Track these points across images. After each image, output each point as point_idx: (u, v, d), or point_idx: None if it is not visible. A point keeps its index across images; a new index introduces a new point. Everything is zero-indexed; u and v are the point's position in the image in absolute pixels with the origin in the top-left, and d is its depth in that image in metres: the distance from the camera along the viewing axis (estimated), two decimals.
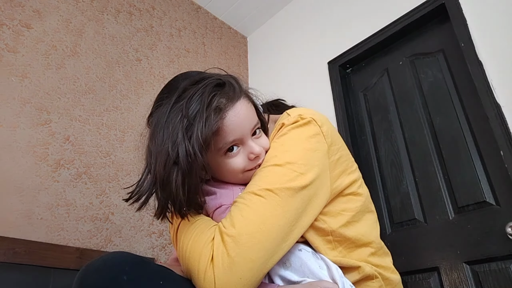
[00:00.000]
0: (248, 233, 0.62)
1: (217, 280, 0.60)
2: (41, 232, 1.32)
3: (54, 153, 1.46)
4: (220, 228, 0.64)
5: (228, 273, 0.60)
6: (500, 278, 1.24)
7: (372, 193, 1.77)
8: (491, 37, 1.46)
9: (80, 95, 1.62)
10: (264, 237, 0.62)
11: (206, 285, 0.60)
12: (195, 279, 0.63)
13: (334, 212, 0.73)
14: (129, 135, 1.74)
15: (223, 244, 0.62)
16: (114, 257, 0.59)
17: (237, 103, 0.72)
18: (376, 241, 0.78)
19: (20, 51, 1.49)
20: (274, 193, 0.65)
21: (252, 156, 0.72)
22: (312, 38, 2.23)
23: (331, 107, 1.94)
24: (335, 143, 0.77)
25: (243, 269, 0.60)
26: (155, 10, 2.14)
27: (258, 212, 0.64)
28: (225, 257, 0.61)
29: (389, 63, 1.86)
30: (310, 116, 0.74)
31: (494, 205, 1.33)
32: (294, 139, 0.73)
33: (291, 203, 0.65)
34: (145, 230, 1.62)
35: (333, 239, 0.72)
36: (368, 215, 0.81)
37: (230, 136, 0.70)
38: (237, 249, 0.61)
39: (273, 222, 0.63)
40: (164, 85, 0.82)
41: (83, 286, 0.56)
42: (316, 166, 0.70)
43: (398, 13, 1.81)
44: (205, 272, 0.61)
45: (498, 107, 1.35)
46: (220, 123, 0.68)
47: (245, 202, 0.66)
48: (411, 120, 1.67)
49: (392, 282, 0.78)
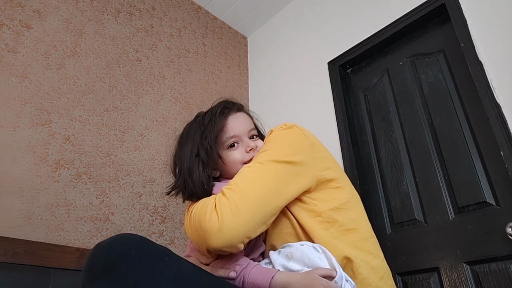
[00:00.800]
0: (243, 185, 0.77)
1: (220, 217, 0.73)
2: (41, 232, 1.32)
3: (54, 153, 1.45)
4: (221, 190, 0.79)
5: (228, 211, 0.73)
6: (500, 278, 1.24)
7: (372, 193, 1.78)
8: (491, 37, 1.46)
9: (80, 95, 1.62)
10: (257, 188, 0.77)
11: (211, 223, 0.73)
12: (202, 226, 0.74)
13: (324, 198, 0.86)
14: (129, 135, 1.74)
15: (223, 194, 0.77)
16: (123, 235, 0.67)
17: (238, 112, 1.00)
18: (367, 229, 0.89)
19: (20, 51, 1.49)
20: (261, 163, 0.82)
21: (248, 149, 0.94)
22: (312, 38, 2.23)
23: (331, 107, 1.94)
24: (318, 145, 0.92)
25: (241, 209, 0.74)
26: (155, 10, 2.14)
27: (250, 175, 0.80)
28: (225, 200, 0.75)
29: (389, 64, 1.86)
30: (292, 124, 0.92)
31: (494, 205, 1.33)
32: (280, 136, 0.89)
33: (277, 170, 0.81)
34: (145, 230, 1.62)
35: (324, 219, 0.83)
36: (359, 208, 0.92)
37: (231, 132, 0.95)
38: (234, 194, 0.75)
39: (263, 179, 0.79)
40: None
41: (95, 261, 0.63)
42: (300, 153, 0.85)
43: (398, 13, 1.81)
44: (210, 215, 0.74)
45: (498, 107, 1.35)
46: (224, 122, 0.95)
47: (239, 171, 0.84)
48: (411, 120, 1.67)
49: (380, 271, 0.83)
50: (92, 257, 0.64)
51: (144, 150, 1.76)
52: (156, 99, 1.92)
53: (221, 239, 0.72)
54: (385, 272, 0.84)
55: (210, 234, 0.72)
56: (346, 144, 1.80)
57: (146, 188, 1.69)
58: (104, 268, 0.61)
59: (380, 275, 0.81)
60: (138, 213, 1.62)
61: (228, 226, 0.72)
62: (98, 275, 0.61)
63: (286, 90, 2.25)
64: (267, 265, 0.80)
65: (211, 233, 0.72)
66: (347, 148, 1.78)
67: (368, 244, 0.84)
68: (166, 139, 1.87)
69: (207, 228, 0.73)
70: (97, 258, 0.63)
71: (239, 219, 0.73)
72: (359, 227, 0.85)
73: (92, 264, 0.63)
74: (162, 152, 1.83)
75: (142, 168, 1.72)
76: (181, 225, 1.75)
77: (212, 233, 0.72)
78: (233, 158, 0.94)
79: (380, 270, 0.83)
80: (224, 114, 0.97)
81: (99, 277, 0.60)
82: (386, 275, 0.84)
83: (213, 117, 0.96)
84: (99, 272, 0.61)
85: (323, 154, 0.91)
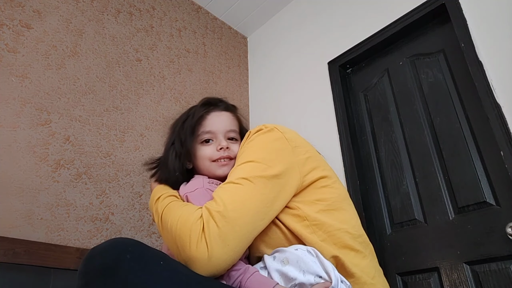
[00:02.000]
0: (233, 210, 0.73)
1: (210, 247, 0.70)
2: (41, 232, 1.32)
3: (54, 153, 1.45)
4: (207, 207, 0.75)
5: (218, 241, 0.70)
6: (500, 278, 1.24)
7: (372, 193, 1.78)
8: (491, 37, 1.46)
9: (80, 95, 1.62)
10: (245, 213, 0.74)
11: (199, 253, 0.70)
12: (186, 250, 0.71)
13: (309, 201, 0.83)
14: (129, 135, 1.74)
15: (212, 218, 0.72)
16: (118, 240, 0.66)
17: (223, 111, 1.00)
18: (356, 228, 0.86)
19: (20, 51, 1.49)
20: (250, 180, 0.78)
21: (219, 147, 0.95)
22: (312, 38, 2.23)
23: (331, 107, 1.94)
24: (301, 146, 0.88)
25: (230, 238, 0.71)
26: (155, 10, 2.14)
27: (238, 195, 0.76)
28: (215, 228, 0.71)
29: (389, 64, 1.86)
30: (273, 126, 0.88)
31: (494, 205, 1.33)
32: (260, 142, 0.86)
33: (265, 188, 0.78)
34: (145, 230, 1.62)
35: (310, 223, 0.81)
36: (348, 206, 0.89)
37: (208, 127, 0.96)
38: (224, 221, 0.72)
39: (252, 202, 0.76)
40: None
41: (89, 266, 0.62)
42: (282, 161, 0.82)
43: (398, 13, 1.81)
44: (197, 242, 0.70)
45: (498, 108, 1.35)
46: (204, 115, 0.97)
47: (226, 189, 0.79)
48: (411, 120, 1.67)
49: (371, 271, 0.82)
50: (87, 261, 0.64)
51: (144, 150, 1.76)
52: (156, 99, 1.92)
53: (208, 270, 0.70)
54: (375, 271, 0.83)
55: (198, 264, 0.70)
56: (346, 144, 1.80)
57: (146, 188, 1.69)
58: (100, 273, 0.61)
59: (371, 274, 0.81)
60: (138, 213, 1.62)
61: (217, 258, 0.70)
62: (94, 280, 0.60)
63: (286, 90, 2.25)
64: (262, 270, 0.79)
65: (199, 263, 0.70)
66: (347, 148, 1.78)
67: (356, 244, 0.82)
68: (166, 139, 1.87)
69: (195, 256, 0.70)
70: (92, 263, 0.63)
71: (228, 248, 0.71)
72: (348, 227, 0.83)
73: (88, 269, 0.62)
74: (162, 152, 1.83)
75: (142, 168, 1.72)
76: None
77: (200, 263, 0.70)
78: (203, 153, 0.95)
79: (371, 269, 0.82)
80: (206, 109, 0.98)
81: (94, 282, 0.60)
82: (377, 273, 0.83)
83: (195, 110, 0.98)
84: (95, 277, 0.61)
85: (307, 155, 0.87)
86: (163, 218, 0.82)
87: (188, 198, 0.88)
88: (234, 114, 1.04)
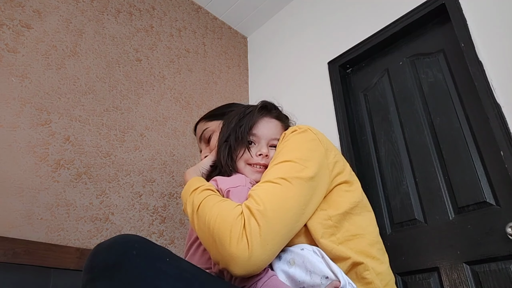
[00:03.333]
0: (272, 209, 0.73)
1: (250, 245, 0.69)
2: (41, 232, 1.32)
3: (54, 153, 1.45)
4: (247, 205, 0.75)
5: (258, 240, 0.70)
6: (500, 278, 1.24)
7: (372, 193, 1.78)
8: (491, 37, 1.46)
9: (80, 95, 1.62)
10: (285, 214, 0.74)
11: (240, 250, 0.69)
12: (226, 247, 0.71)
13: (334, 202, 0.84)
14: (129, 135, 1.74)
15: (253, 216, 0.72)
16: (124, 236, 0.66)
17: (273, 118, 1.03)
18: (374, 235, 0.87)
19: (20, 51, 1.49)
20: (288, 181, 0.78)
21: (258, 153, 0.96)
22: (312, 38, 2.23)
23: (331, 107, 1.94)
24: (331, 150, 0.90)
25: (269, 237, 0.71)
26: (155, 10, 2.14)
27: (277, 195, 0.76)
28: (256, 226, 0.71)
29: (389, 63, 1.86)
30: (306, 127, 0.91)
31: (494, 205, 1.33)
32: (295, 142, 0.87)
33: (302, 190, 0.78)
34: (145, 230, 1.62)
35: (333, 223, 0.81)
36: (367, 213, 0.90)
37: (254, 130, 0.98)
38: (264, 220, 0.72)
39: (290, 203, 0.76)
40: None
41: (95, 261, 0.62)
42: (317, 162, 0.83)
43: (398, 13, 1.81)
44: (238, 240, 0.70)
45: (498, 107, 1.35)
46: (257, 119, 0.99)
47: (264, 188, 0.78)
48: (411, 120, 1.67)
49: (385, 278, 0.82)
50: (92, 257, 0.64)
51: (144, 150, 1.76)
52: (156, 99, 1.92)
53: (246, 269, 0.69)
54: (390, 279, 0.83)
55: (238, 262, 0.69)
56: (346, 144, 1.80)
57: (146, 188, 1.69)
58: (105, 269, 0.61)
59: (384, 282, 0.81)
60: (138, 213, 1.62)
61: (256, 257, 0.69)
62: (99, 275, 0.61)
63: (286, 90, 2.25)
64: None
65: (239, 261, 0.69)
66: (347, 148, 1.78)
67: (373, 250, 0.82)
68: (166, 139, 1.87)
69: (235, 254, 0.69)
70: (98, 259, 0.63)
71: (267, 248, 0.71)
72: (365, 233, 0.84)
73: (93, 265, 0.62)
74: (162, 152, 1.83)
75: (142, 168, 1.72)
76: (181, 225, 1.75)
77: (240, 261, 0.69)
78: (244, 154, 0.96)
79: (385, 276, 0.82)
80: (261, 112, 1.01)
81: (100, 278, 0.60)
82: (390, 282, 0.83)
83: (253, 111, 1.00)
84: (100, 272, 0.61)
85: (336, 159, 0.89)
86: (200, 211, 0.80)
87: (230, 193, 0.86)
88: (284, 124, 1.06)
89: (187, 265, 0.68)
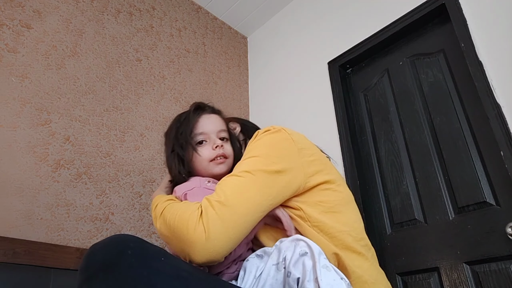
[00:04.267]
0: (232, 198, 0.76)
1: (207, 228, 0.71)
2: (41, 232, 1.32)
3: (54, 153, 1.45)
4: (207, 198, 0.78)
5: (216, 223, 0.72)
6: (500, 278, 1.24)
7: (372, 193, 1.78)
8: (491, 37, 1.46)
9: (80, 95, 1.62)
10: (245, 202, 0.76)
11: (197, 235, 0.71)
12: (184, 237, 0.73)
13: (311, 203, 0.85)
14: (129, 135, 1.74)
15: (211, 206, 0.75)
16: (119, 236, 0.67)
17: (211, 113, 1.07)
18: (358, 231, 0.87)
19: (20, 51, 1.49)
20: (251, 173, 0.80)
21: (214, 146, 0.99)
22: (312, 38, 2.23)
23: (331, 107, 1.94)
24: (307, 149, 0.90)
25: (228, 222, 0.73)
26: (155, 10, 2.14)
27: (238, 186, 0.78)
28: (213, 213, 0.73)
29: (389, 63, 1.86)
30: (280, 127, 0.91)
31: (494, 205, 1.33)
32: (267, 141, 0.88)
33: (265, 182, 0.80)
34: (145, 230, 1.62)
35: (312, 224, 0.83)
36: (351, 210, 0.91)
37: (200, 129, 1.01)
38: (224, 209, 0.74)
39: (252, 192, 0.78)
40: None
41: (90, 262, 0.62)
42: (286, 160, 0.84)
43: (398, 13, 1.81)
44: (195, 226, 0.72)
45: (498, 107, 1.35)
46: (197, 119, 1.02)
47: (228, 181, 0.81)
48: (411, 120, 1.67)
49: (373, 273, 0.82)
50: (88, 257, 0.64)
51: (144, 150, 1.76)
52: (156, 99, 1.92)
53: (207, 252, 0.71)
54: (377, 273, 0.84)
55: (195, 246, 0.71)
56: (346, 144, 1.80)
57: (146, 188, 1.69)
58: (101, 268, 0.60)
59: (373, 276, 0.81)
60: (138, 213, 1.62)
61: (214, 238, 0.71)
62: (95, 275, 0.60)
63: (286, 90, 2.25)
64: (258, 258, 0.80)
65: (197, 245, 0.71)
66: (347, 148, 1.78)
67: (358, 246, 0.83)
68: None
69: (192, 240, 0.71)
70: (93, 259, 0.62)
71: (226, 231, 0.73)
72: (350, 229, 0.84)
73: (89, 265, 0.62)
74: (162, 152, 1.82)
75: (142, 168, 1.72)
76: None
77: (197, 245, 0.71)
78: (202, 154, 0.99)
79: (372, 271, 0.82)
80: (197, 113, 1.04)
81: (95, 277, 0.60)
82: (379, 275, 0.84)
83: (187, 115, 1.04)
84: (96, 272, 0.60)
85: (312, 158, 0.89)
86: (163, 218, 0.83)
87: (187, 196, 0.90)
88: (221, 116, 1.10)
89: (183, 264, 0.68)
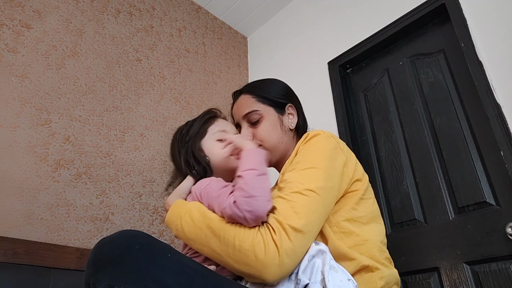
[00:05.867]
0: (306, 224, 0.76)
1: (281, 256, 0.71)
2: (41, 232, 1.32)
3: (54, 153, 1.45)
4: (276, 218, 0.76)
5: (290, 254, 0.72)
6: (500, 278, 1.24)
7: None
8: (491, 37, 1.46)
9: (80, 95, 1.62)
10: (316, 226, 0.79)
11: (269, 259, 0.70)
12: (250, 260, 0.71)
13: (339, 208, 0.87)
14: (129, 135, 1.73)
15: (284, 230, 0.73)
16: (127, 231, 0.68)
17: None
18: (382, 244, 0.89)
19: (20, 51, 1.49)
20: (316, 192, 0.81)
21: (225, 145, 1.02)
22: (312, 38, 2.23)
23: (331, 107, 1.94)
24: (350, 159, 0.94)
25: (302, 250, 0.75)
26: (155, 10, 2.14)
27: (307, 208, 0.78)
28: (288, 243, 0.72)
29: (389, 63, 1.86)
30: (330, 134, 0.94)
31: (494, 205, 1.33)
32: (319, 147, 0.90)
33: (327, 201, 0.83)
34: (146, 230, 1.62)
35: (338, 230, 0.84)
36: (376, 224, 0.93)
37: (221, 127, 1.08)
38: (299, 236, 0.74)
39: (317, 215, 0.80)
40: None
41: (99, 255, 0.64)
42: (339, 172, 0.87)
43: (398, 14, 1.81)
44: (266, 250, 0.71)
45: (498, 107, 1.35)
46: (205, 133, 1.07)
47: (294, 200, 0.79)
48: (411, 120, 1.67)
49: (392, 280, 0.85)
50: (96, 251, 0.65)
51: (144, 150, 1.76)
52: (156, 99, 1.92)
53: (278, 276, 0.71)
54: (396, 282, 0.87)
55: (268, 269, 0.70)
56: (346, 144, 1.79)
57: (146, 188, 1.69)
58: (109, 261, 0.62)
59: (391, 284, 0.84)
60: (138, 213, 1.62)
61: (287, 265, 0.71)
62: (102, 268, 0.62)
63: None
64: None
65: (270, 269, 0.70)
66: None
67: (382, 258, 0.85)
68: (166, 139, 1.87)
69: (264, 263, 0.70)
70: (101, 252, 0.64)
71: (298, 258, 0.74)
72: (375, 239, 0.87)
73: (97, 258, 0.64)
74: (162, 152, 1.83)
75: (142, 168, 1.72)
76: None
77: (271, 269, 0.70)
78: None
79: (392, 279, 0.85)
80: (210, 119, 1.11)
81: (103, 271, 0.61)
82: (396, 284, 0.87)
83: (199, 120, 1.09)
84: (103, 265, 0.62)
85: (354, 167, 0.93)
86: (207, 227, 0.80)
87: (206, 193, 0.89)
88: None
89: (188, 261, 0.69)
